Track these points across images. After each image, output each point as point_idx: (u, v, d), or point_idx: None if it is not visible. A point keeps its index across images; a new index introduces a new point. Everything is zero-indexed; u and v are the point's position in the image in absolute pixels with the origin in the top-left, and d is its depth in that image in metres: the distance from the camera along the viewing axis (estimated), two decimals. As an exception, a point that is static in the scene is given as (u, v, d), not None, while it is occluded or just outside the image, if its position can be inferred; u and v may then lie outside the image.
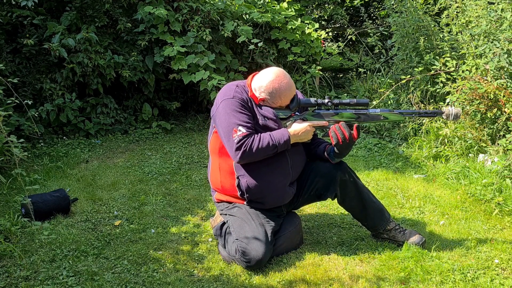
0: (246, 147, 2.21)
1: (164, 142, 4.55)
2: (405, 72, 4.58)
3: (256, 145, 2.22)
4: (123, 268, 2.27)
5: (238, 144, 2.21)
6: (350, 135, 2.27)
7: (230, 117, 2.26)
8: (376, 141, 4.32)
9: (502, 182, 3.04)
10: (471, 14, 3.90)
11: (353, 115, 2.34)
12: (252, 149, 2.22)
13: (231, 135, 2.24)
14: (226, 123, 2.26)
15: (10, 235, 2.53)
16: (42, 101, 4.35)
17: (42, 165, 3.75)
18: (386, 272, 2.24)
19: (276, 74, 2.31)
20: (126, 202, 3.08)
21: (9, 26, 4.23)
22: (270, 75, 2.31)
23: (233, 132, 2.23)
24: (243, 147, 2.21)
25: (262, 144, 2.23)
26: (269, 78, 2.30)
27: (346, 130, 2.27)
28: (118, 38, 4.80)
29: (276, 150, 2.26)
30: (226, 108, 2.28)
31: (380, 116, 2.36)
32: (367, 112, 2.35)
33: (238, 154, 2.22)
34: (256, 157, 2.25)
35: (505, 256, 2.37)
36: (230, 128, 2.24)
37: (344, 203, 2.50)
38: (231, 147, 2.25)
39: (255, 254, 2.21)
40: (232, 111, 2.26)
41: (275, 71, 2.34)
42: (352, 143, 2.32)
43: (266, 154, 2.26)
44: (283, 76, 2.32)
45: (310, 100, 2.33)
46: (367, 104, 2.34)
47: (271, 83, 2.30)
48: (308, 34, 5.42)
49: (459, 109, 2.32)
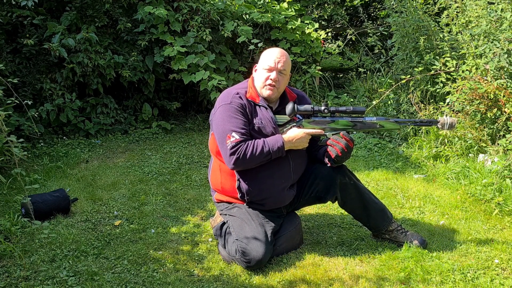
0: (240, 154, 2.22)
1: (164, 142, 4.55)
2: (405, 72, 4.58)
3: (250, 152, 2.23)
4: (123, 268, 2.27)
5: (232, 150, 2.22)
6: (346, 145, 2.28)
7: (225, 123, 2.27)
8: (376, 141, 4.32)
9: (502, 182, 3.04)
10: (471, 14, 3.90)
11: (349, 123, 2.35)
12: (246, 155, 2.22)
13: (224, 141, 2.25)
14: (220, 129, 2.28)
15: (10, 235, 2.53)
16: (42, 101, 4.35)
17: (42, 165, 3.75)
18: (386, 272, 2.24)
19: (270, 48, 2.45)
20: (126, 202, 3.08)
21: (9, 26, 4.23)
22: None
23: (227, 139, 2.24)
24: (236, 154, 2.22)
25: (256, 150, 2.23)
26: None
27: (342, 141, 2.28)
28: (118, 38, 4.80)
29: (270, 157, 2.27)
30: (222, 114, 2.30)
31: (376, 124, 2.37)
32: (363, 120, 2.36)
33: (232, 161, 2.24)
34: (249, 163, 2.26)
35: (505, 256, 2.37)
36: (224, 135, 2.26)
37: (345, 206, 2.50)
38: (225, 154, 2.27)
39: (255, 254, 2.21)
40: (228, 117, 2.28)
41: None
42: (351, 151, 2.33)
43: (260, 161, 2.26)
44: (275, 47, 2.43)
45: (307, 107, 2.33)
46: (363, 112, 2.34)
47: (264, 51, 2.42)
48: (308, 34, 5.42)
49: (454, 119, 2.34)
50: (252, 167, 2.28)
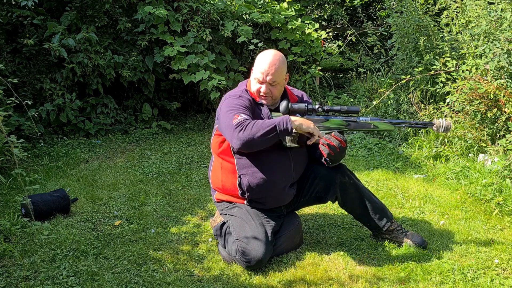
0: (245, 126, 2.15)
1: (164, 142, 4.55)
2: (405, 72, 4.58)
3: (256, 125, 2.15)
4: (123, 268, 2.27)
5: (238, 125, 2.17)
6: (339, 145, 2.26)
7: (233, 108, 2.28)
8: (376, 141, 4.32)
9: (502, 182, 3.04)
10: (471, 14, 3.90)
11: (343, 122, 2.34)
12: (251, 126, 2.14)
13: (231, 121, 2.21)
14: (228, 113, 2.26)
15: (10, 235, 2.53)
16: (42, 101, 4.35)
17: (42, 165, 3.75)
18: (386, 272, 2.24)
19: (265, 51, 2.40)
20: (126, 202, 3.08)
21: (9, 26, 4.23)
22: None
23: (234, 118, 2.21)
24: (241, 126, 2.16)
25: (262, 124, 2.16)
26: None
27: (334, 141, 2.26)
28: (118, 38, 4.80)
29: (276, 132, 2.16)
30: (230, 103, 2.32)
31: (370, 125, 2.35)
32: (357, 119, 2.35)
33: (237, 134, 2.15)
34: (255, 138, 2.14)
35: (505, 256, 2.37)
36: (231, 116, 2.23)
37: (345, 206, 2.50)
38: (230, 130, 2.19)
39: (255, 254, 2.21)
40: (236, 104, 2.30)
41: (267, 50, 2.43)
42: (344, 151, 2.31)
43: (266, 137, 2.15)
44: (270, 50, 2.39)
45: (301, 106, 2.32)
46: (357, 111, 2.33)
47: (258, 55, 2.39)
48: (308, 34, 5.42)
49: (450, 122, 2.33)
50: (258, 146, 2.19)
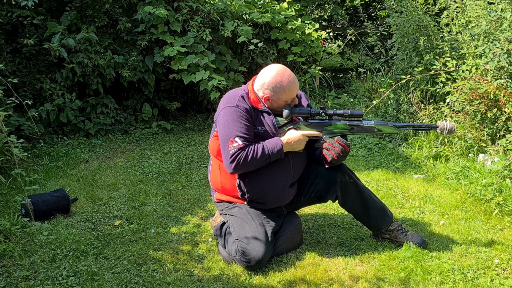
0: (240, 160, 2.23)
1: (164, 142, 4.55)
2: (405, 72, 4.58)
3: (250, 157, 2.23)
4: (123, 268, 2.27)
5: (232, 157, 2.23)
6: (342, 150, 2.28)
7: (230, 126, 2.27)
8: (376, 141, 4.32)
9: (502, 182, 3.04)
10: (471, 14, 3.90)
11: (347, 126, 2.34)
12: (246, 160, 2.23)
13: (227, 146, 2.25)
14: (225, 131, 2.28)
15: (10, 235, 2.53)
16: (42, 101, 4.35)
17: (42, 165, 3.75)
18: (386, 272, 2.24)
19: (277, 69, 2.32)
20: (126, 202, 3.08)
21: (9, 26, 4.23)
22: (272, 71, 2.32)
23: (230, 143, 2.24)
24: (236, 160, 2.23)
25: (256, 155, 2.24)
26: (271, 74, 2.31)
27: (337, 146, 2.28)
28: (118, 38, 4.80)
29: (269, 160, 2.28)
30: (227, 117, 2.29)
31: (373, 128, 2.35)
32: (360, 123, 2.35)
33: (232, 166, 2.25)
34: (249, 168, 2.27)
35: (505, 256, 2.37)
36: (227, 138, 2.26)
37: (345, 205, 2.50)
38: (226, 158, 2.27)
39: (255, 254, 2.21)
40: (233, 121, 2.27)
41: (276, 66, 2.36)
42: (346, 155, 2.33)
43: (260, 164, 2.28)
44: (284, 70, 2.33)
45: (304, 110, 2.33)
46: (361, 115, 2.33)
47: (274, 77, 2.30)
48: (308, 34, 5.42)
49: (454, 124, 2.32)
50: (252, 170, 2.30)
